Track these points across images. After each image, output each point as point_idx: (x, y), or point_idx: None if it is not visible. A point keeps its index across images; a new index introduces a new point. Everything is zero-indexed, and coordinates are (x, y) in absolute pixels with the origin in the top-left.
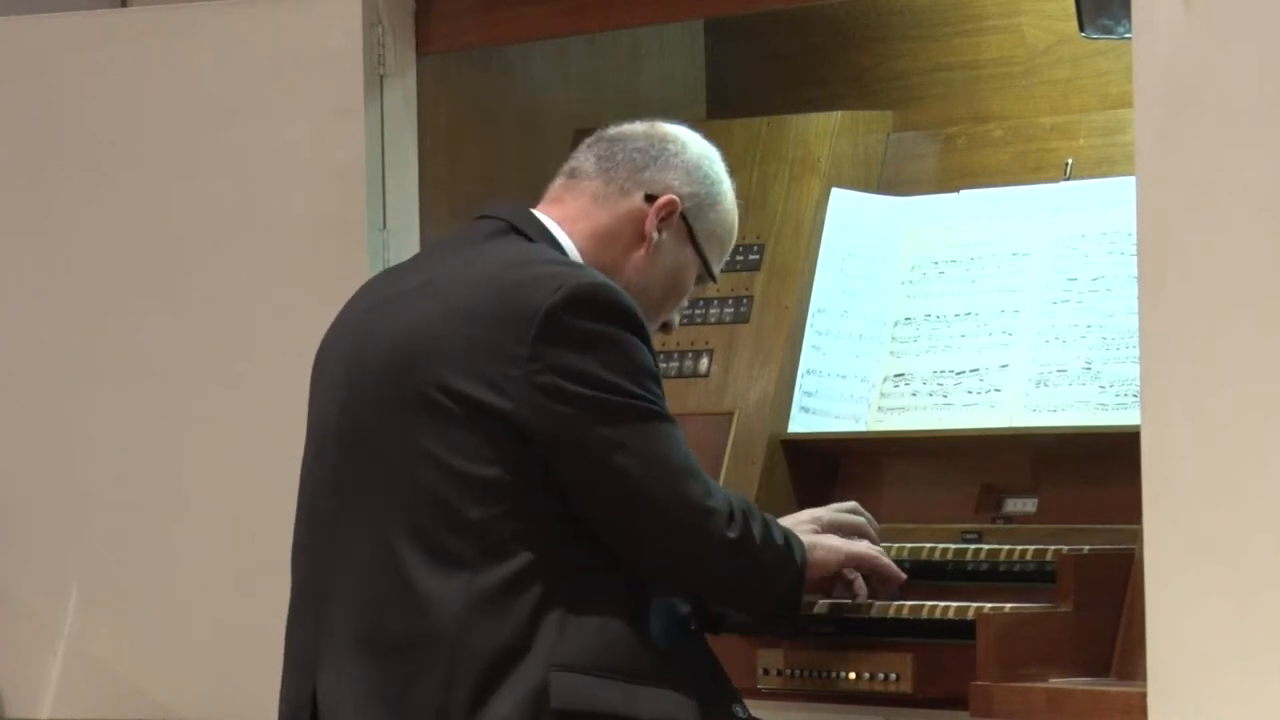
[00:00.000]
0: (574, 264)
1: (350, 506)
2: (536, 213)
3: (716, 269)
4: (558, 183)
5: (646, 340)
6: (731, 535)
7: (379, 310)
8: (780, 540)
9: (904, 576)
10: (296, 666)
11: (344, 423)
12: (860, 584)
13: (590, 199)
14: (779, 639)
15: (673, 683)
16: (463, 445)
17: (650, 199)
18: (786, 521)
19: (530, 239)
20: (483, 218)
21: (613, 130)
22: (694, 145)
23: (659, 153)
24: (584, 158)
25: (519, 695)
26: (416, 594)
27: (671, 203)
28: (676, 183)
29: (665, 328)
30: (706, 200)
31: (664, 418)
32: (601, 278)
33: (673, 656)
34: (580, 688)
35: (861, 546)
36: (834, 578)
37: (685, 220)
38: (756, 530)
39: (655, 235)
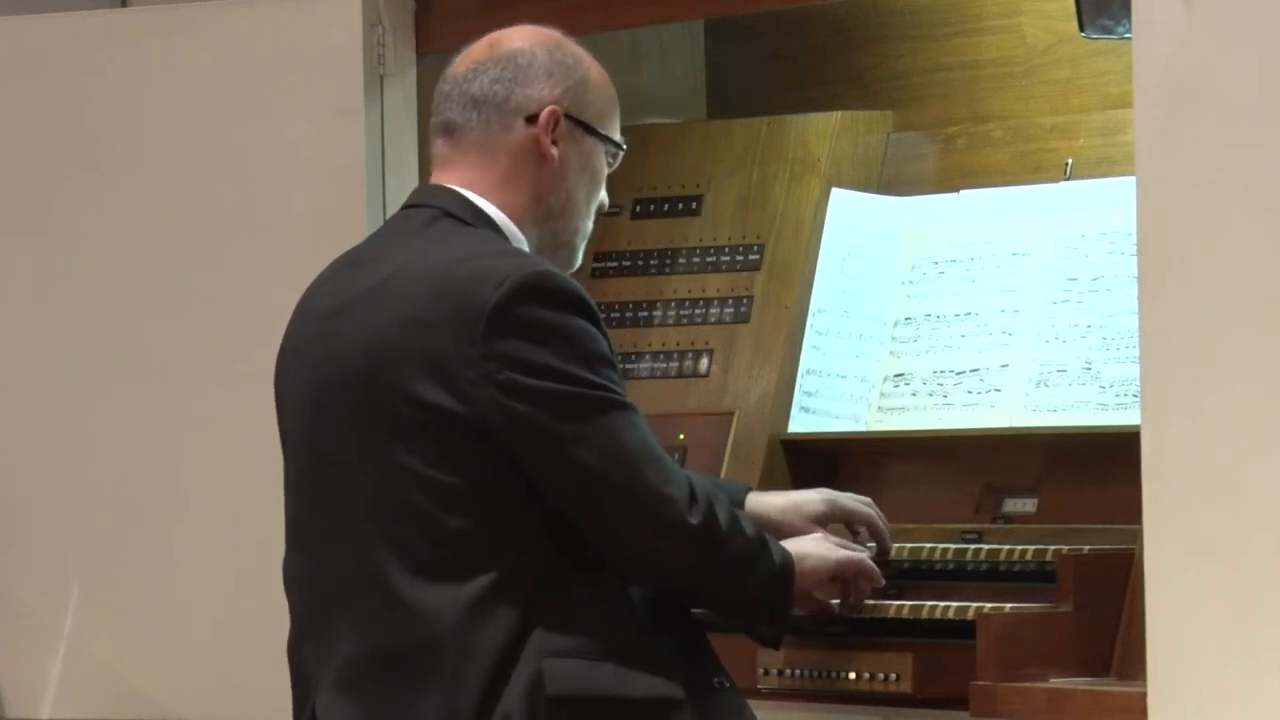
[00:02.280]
0: (513, 252)
1: (333, 525)
2: (460, 190)
3: (618, 137)
4: (439, 143)
5: (597, 323)
6: (693, 521)
7: (333, 318)
8: (751, 532)
9: (883, 581)
10: (300, 691)
11: (315, 442)
12: (849, 588)
13: (478, 150)
14: (764, 646)
15: (660, 661)
16: (434, 455)
17: (531, 120)
18: (797, 497)
19: (466, 222)
20: (412, 206)
21: (460, 71)
22: (540, 44)
23: (514, 72)
24: (449, 109)
25: (518, 689)
26: (409, 609)
27: (552, 113)
28: (545, 91)
29: (600, 209)
30: (578, 87)
31: (622, 405)
32: (544, 265)
33: (658, 634)
34: (573, 672)
35: (846, 552)
36: (825, 584)
37: (571, 118)
38: (722, 517)
39: (553, 151)
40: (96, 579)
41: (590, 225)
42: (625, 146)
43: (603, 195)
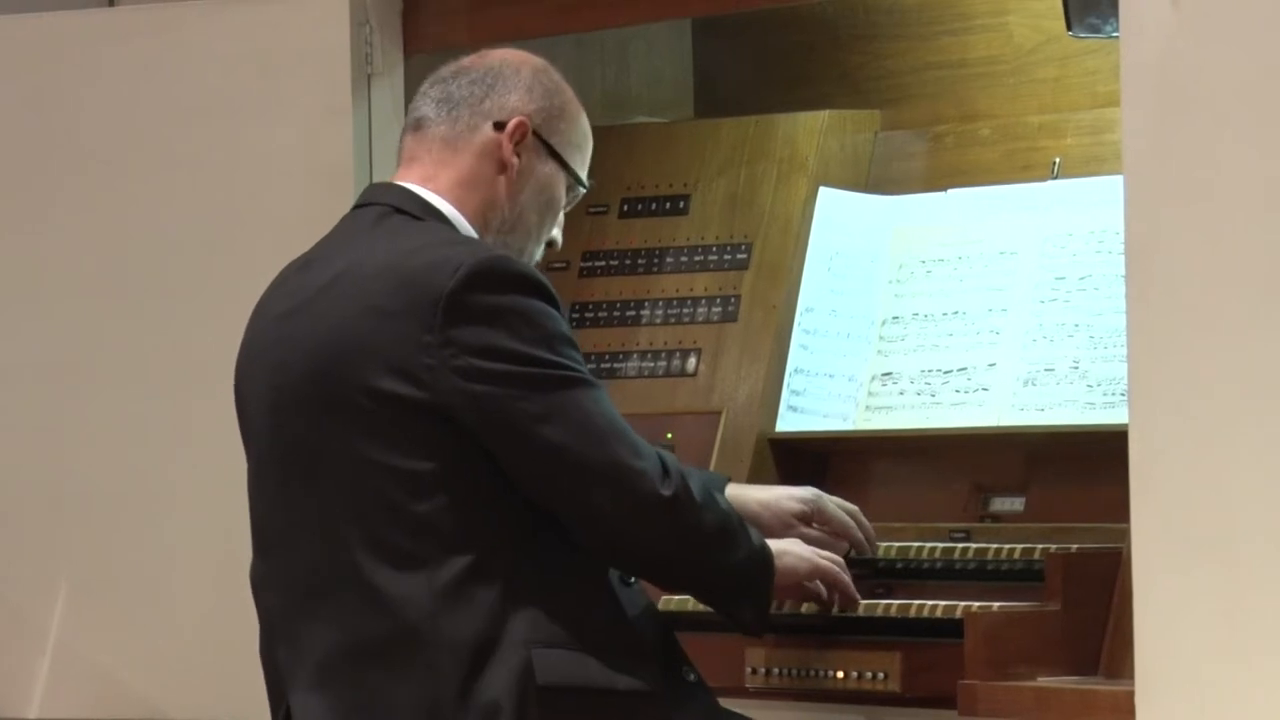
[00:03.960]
0: (466, 240)
1: (300, 523)
2: (411, 186)
3: (584, 175)
4: (408, 138)
5: (555, 304)
6: (665, 493)
7: (289, 319)
8: (726, 507)
9: (860, 600)
10: (275, 693)
11: (277, 442)
12: (821, 591)
13: (441, 145)
14: (748, 635)
15: (637, 653)
16: (397, 443)
17: (499, 126)
18: (779, 492)
19: (416, 217)
20: (363, 205)
21: (446, 69)
22: (527, 63)
23: (495, 79)
24: (424, 105)
25: (505, 677)
26: (382, 599)
27: (521, 124)
28: (520, 103)
29: (550, 246)
30: (554, 111)
31: (584, 382)
32: (498, 250)
33: (633, 624)
34: (562, 663)
35: (827, 561)
36: (797, 586)
37: (539, 137)
38: (695, 489)
39: (515, 160)
40: (85, 578)
41: (539, 254)
42: (588, 188)
43: (556, 233)
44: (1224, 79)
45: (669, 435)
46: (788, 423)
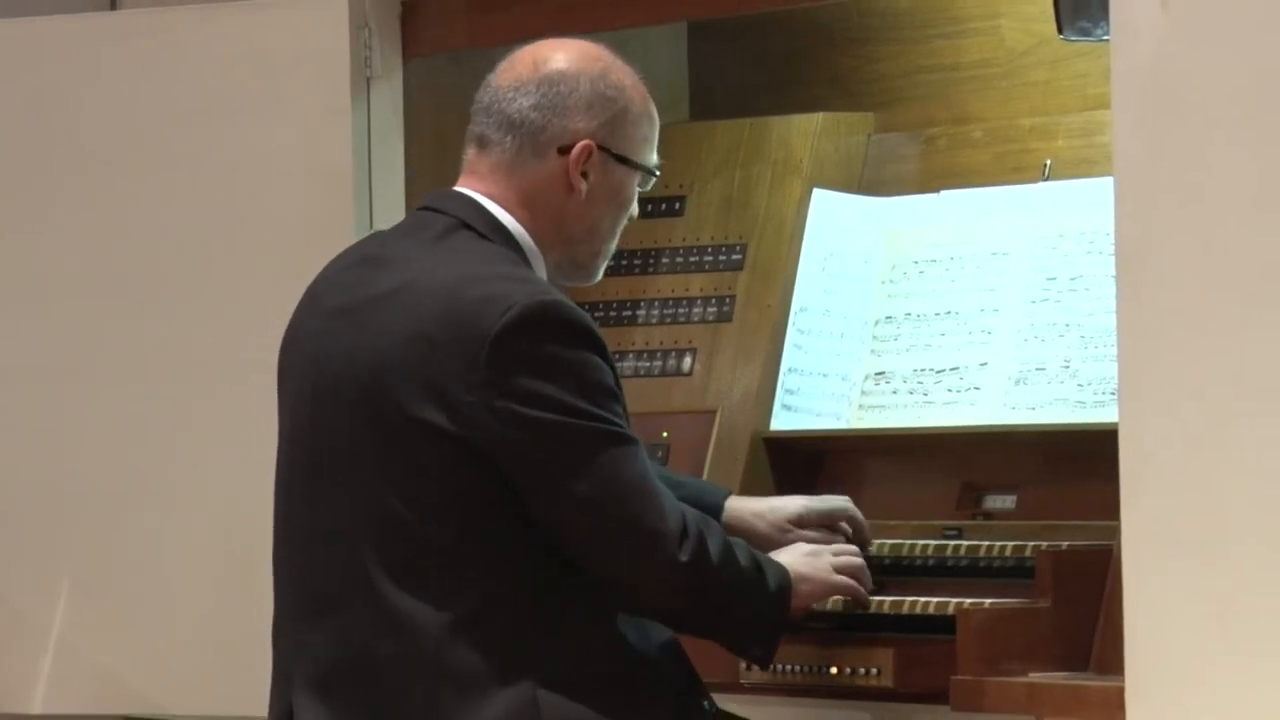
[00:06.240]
0: (525, 276)
1: (323, 525)
2: (480, 199)
3: (652, 163)
4: (470, 152)
5: (603, 354)
6: (683, 558)
7: (339, 317)
8: (746, 562)
9: (871, 586)
10: (279, 683)
11: (311, 440)
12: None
13: (505, 169)
14: (754, 663)
15: (652, 688)
16: (426, 470)
17: (564, 150)
18: (775, 502)
19: (483, 235)
20: (429, 209)
21: (502, 84)
22: (584, 71)
23: (553, 100)
24: (485, 124)
25: (505, 712)
26: (392, 617)
27: (586, 148)
28: (582, 124)
29: (629, 219)
30: (615, 119)
31: (622, 439)
32: (553, 295)
33: (647, 659)
34: (569, 705)
35: (844, 578)
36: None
37: (605, 149)
38: (714, 550)
39: (582, 184)
40: (86, 576)
41: (613, 246)
42: (659, 172)
43: (633, 209)
44: (1214, 82)
45: (664, 434)
46: (782, 422)
